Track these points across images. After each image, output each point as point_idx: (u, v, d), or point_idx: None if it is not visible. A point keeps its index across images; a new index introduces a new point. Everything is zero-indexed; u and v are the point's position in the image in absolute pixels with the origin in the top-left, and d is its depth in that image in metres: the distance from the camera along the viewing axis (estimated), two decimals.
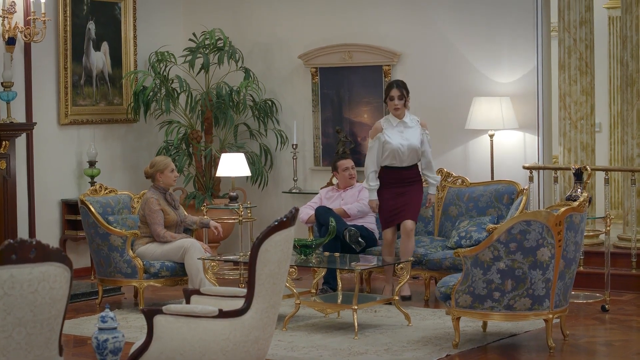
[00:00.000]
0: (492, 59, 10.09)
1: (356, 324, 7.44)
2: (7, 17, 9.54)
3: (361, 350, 7.00)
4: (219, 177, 10.81)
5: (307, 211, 9.32)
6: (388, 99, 8.66)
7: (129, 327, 7.78)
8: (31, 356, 4.28)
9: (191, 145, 10.84)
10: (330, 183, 10.26)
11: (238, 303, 5.49)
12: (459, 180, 9.39)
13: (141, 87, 10.68)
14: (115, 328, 5.48)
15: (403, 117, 8.64)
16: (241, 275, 9.77)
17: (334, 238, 8.53)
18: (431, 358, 6.79)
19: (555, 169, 9.62)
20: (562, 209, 6.76)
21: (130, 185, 10.73)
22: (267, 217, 10.78)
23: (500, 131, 9.93)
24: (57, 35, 10.22)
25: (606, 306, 8.33)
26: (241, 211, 9.90)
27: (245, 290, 5.50)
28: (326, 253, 8.42)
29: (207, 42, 10.87)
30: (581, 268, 8.88)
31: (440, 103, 10.28)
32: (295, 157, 10.89)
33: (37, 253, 4.18)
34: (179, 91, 10.83)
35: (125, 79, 10.83)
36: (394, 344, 7.16)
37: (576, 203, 6.88)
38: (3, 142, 9.41)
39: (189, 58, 10.83)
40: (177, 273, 8.63)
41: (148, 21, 11.14)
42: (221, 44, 10.91)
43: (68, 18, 10.27)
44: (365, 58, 10.62)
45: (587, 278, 9.06)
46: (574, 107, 9.69)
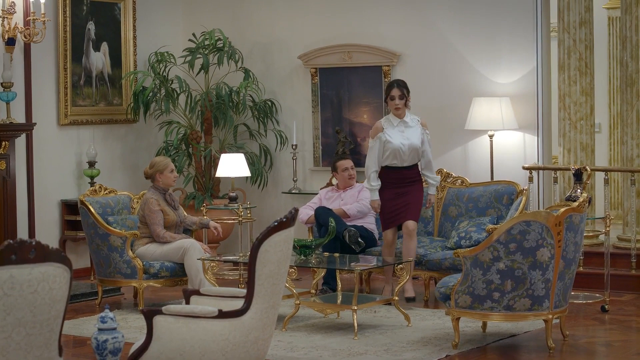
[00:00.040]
0: (492, 60, 10.10)
1: (356, 325, 7.44)
2: (7, 18, 9.55)
3: (361, 350, 7.00)
4: (219, 178, 10.81)
5: (307, 211, 9.32)
6: (389, 99, 8.65)
7: (129, 328, 7.78)
8: (31, 357, 4.28)
9: (191, 145, 10.84)
10: (329, 183, 10.27)
11: (238, 303, 5.49)
12: (459, 180, 9.39)
13: (141, 88, 10.68)
14: (114, 328, 5.49)
15: (404, 117, 8.64)
16: (241, 275, 9.77)
17: (334, 238, 8.53)
18: (431, 358, 6.79)
19: (554, 170, 9.62)
20: (562, 210, 6.76)
21: (129, 185, 10.73)
22: (267, 218, 10.78)
23: (499, 131, 9.93)
24: (57, 35, 10.22)
25: (606, 306, 8.33)
26: (241, 212, 9.90)
27: (244, 290, 5.50)
28: (326, 253, 8.41)
29: (207, 43, 10.87)
30: (581, 268, 8.88)
31: (439, 103, 10.28)
32: (294, 158, 10.89)
33: (37, 253, 4.18)
34: (179, 91, 10.83)
35: (124, 80, 10.83)
36: (394, 345, 7.16)
37: (576, 203, 6.88)
38: (3, 143, 9.41)
39: (189, 58, 10.83)
40: (177, 273, 8.63)
41: (148, 21, 11.14)
42: (221, 45, 10.91)
43: (68, 18, 10.27)
44: (364, 58, 10.62)
45: (587, 278, 9.06)
46: (574, 108, 9.69)
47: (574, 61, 9.67)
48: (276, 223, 5.37)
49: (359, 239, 8.84)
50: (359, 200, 9.30)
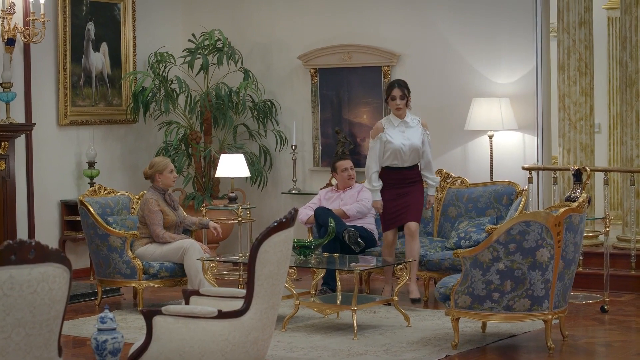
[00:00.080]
0: (492, 60, 10.09)
1: (355, 325, 7.44)
2: (7, 18, 9.54)
3: (360, 351, 7.00)
4: (218, 178, 10.81)
5: (307, 212, 9.31)
6: (390, 99, 8.62)
7: (128, 328, 7.78)
8: (30, 357, 4.28)
9: (190, 146, 10.84)
10: (329, 184, 10.27)
11: (237, 304, 5.49)
12: (458, 181, 9.39)
13: (140, 88, 10.68)
14: (114, 329, 5.49)
15: (404, 117, 8.61)
16: (240, 276, 9.76)
17: (333, 239, 8.52)
18: (430, 359, 6.79)
19: (554, 170, 9.62)
20: (562, 210, 6.76)
21: (129, 186, 10.72)
22: (267, 218, 10.78)
23: (499, 132, 9.93)
24: (57, 36, 10.22)
25: (605, 307, 8.33)
26: (240, 212, 9.90)
27: (244, 291, 5.50)
28: (325, 254, 8.41)
29: (207, 43, 10.87)
30: (580, 269, 8.88)
31: (439, 104, 10.28)
32: (294, 158, 10.89)
33: (37, 254, 4.18)
34: (178, 92, 10.83)
35: (124, 80, 10.83)
36: (393, 345, 7.16)
37: (575, 204, 6.88)
38: (2, 143, 9.41)
39: (188, 59, 10.83)
40: (177, 274, 8.63)
41: (147, 22, 11.14)
42: (220, 45, 10.91)
43: (67, 19, 10.27)
44: (364, 59, 10.62)
45: (587, 279, 9.06)
46: (573, 108, 9.69)
47: (574, 61, 9.67)
48: (276, 223, 5.37)
49: (359, 240, 8.84)
50: (359, 200, 9.30)
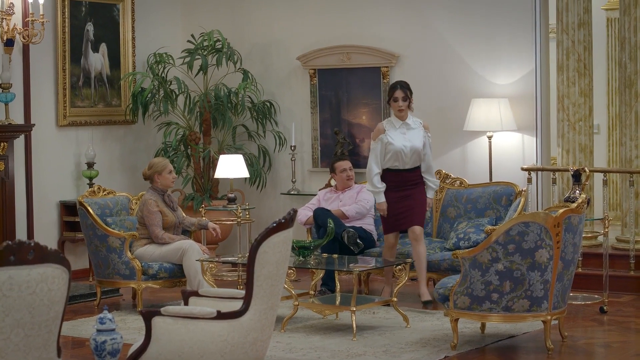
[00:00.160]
0: (491, 61, 10.10)
1: (354, 326, 7.44)
2: (6, 19, 9.54)
3: (359, 351, 7.00)
4: (217, 179, 10.81)
5: (306, 213, 9.31)
6: (392, 100, 8.56)
7: (127, 329, 7.78)
8: (29, 358, 4.28)
9: (189, 146, 10.84)
10: (328, 184, 10.27)
11: (236, 304, 5.49)
12: (458, 181, 9.39)
13: (139, 89, 10.68)
14: (113, 330, 5.49)
15: (406, 119, 8.56)
16: (239, 276, 9.76)
17: (332, 239, 8.52)
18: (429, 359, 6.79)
19: (553, 171, 9.62)
20: (561, 211, 6.76)
21: (128, 186, 10.72)
22: (266, 219, 10.78)
23: (498, 133, 9.93)
24: (56, 36, 10.22)
25: (604, 308, 8.33)
26: (239, 213, 9.90)
27: (243, 291, 5.50)
28: (324, 254, 8.40)
29: (206, 44, 10.87)
30: (579, 269, 8.88)
31: (438, 104, 10.28)
32: (293, 159, 10.89)
33: (36, 254, 4.17)
34: (178, 92, 10.83)
35: (123, 81, 10.83)
36: (393, 346, 7.16)
37: (574, 204, 6.88)
38: (1, 144, 9.41)
39: (188, 59, 10.83)
40: (176, 274, 8.62)
41: (146, 22, 11.14)
42: (219, 46, 10.91)
43: (66, 19, 10.27)
44: (363, 59, 10.62)
45: (586, 279, 9.06)
46: (572, 109, 9.70)
47: (573, 62, 9.67)
48: (275, 224, 5.37)
49: (358, 240, 8.84)
50: (358, 201, 9.30)
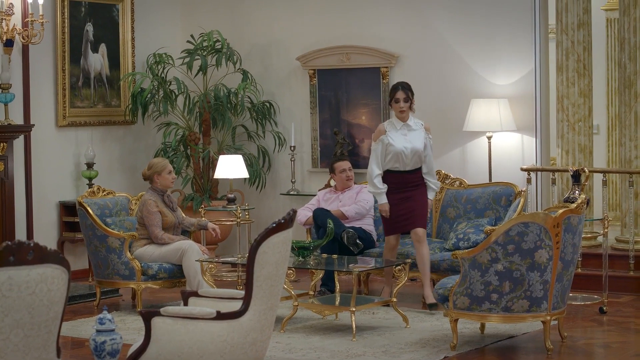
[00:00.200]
0: (490, 61, 10.10)
1: (354, 326, 7.44)
2: (5, 19, 9.54)
3: (359, 352, 7.00)
4: (217, 179, 10.81)
5: (305, 213, 9.31)
6: (393, 102, 8.50)
7: (127, 329, 7.78)
8: (29, 358, 4.28)
9: (189, 147, 10.84)
10: (328, 185, 10.27)
11: (236, 305, 5.49)
12: (457, 182, 9.39)
13: (139, 89, 10.68)
14: (113, 330, 5.49)
15: (407, 120, 8.52)
16: (239, 277, 9.76)
17: (332, 240, 8.52)
18: None
19: (553, 171, 9.62)
20: (560, 211, 6.76)
21: (128, 187, 10.72)
22: (265, 219, 10.78)
23: (498, 133, 9.93)
24: (55, 37, 10.22)
25: (604, 308, 8.33)
26: (239, 213, 9.90)
27: (243, 292, 5.50)
28: (324, 255, 8.40)
29: (205, 44, 10.87)
30: (579, 270, 8.89)
31: (438, 105, 10.28)
32: (293, 159, 10.89)
33: (35, 255, 4.17)
34: (177, 93, 10.83)
35: (123, 81, 10.83)
36: (392, 346, 7.16)
37: (574, 205, 6.89)
38: (1, 144, 9.41)
39: (187, 60, 10.83)
40: (175, 275, 8.62)
41: (146, 23, 11.14)
42: (219, 46, 10.91)
43: (66, 20, 10.27)
44: (363, 60, 10.62)
45: (585, 280, 9.06)
46: (572, 109, 9.70)
47: (572, 63, 9.67)
48: (274, 224, 5.37)
49: (357, 241, 8.84)
50: (357, 201, 9.29)
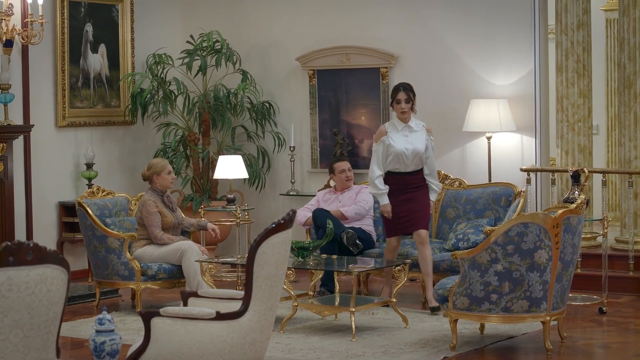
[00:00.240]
0: (490, 61, 10.09)
1: (354, 326, 7.44)
2: (5, 20, 9.54)
3: (358, 352, 7.00)
4: (217, 180, 10.81)
5: (305, 213, 9.31)
6: (395, 102, 8.47)
7: (127, 330, 7.78)
8: (28, 358, 4.28)
9: (188, 147, 10.84)
10: (327, 185, 10.27)
11: (235, 305, 5.49)
12: (457, 182, 9.38)
13: (139, 89, 10.68)
14: (112, 330, 5.49)
15: (409, 121, 8.49)
16: (239, 277, 9.76)
17: (332, 240, 8.52)
18: None
19: (552, 171, 9.62)
20: (560, 211, 6.76)
21: (127, 187, 10.72)
22: (265, 220, 10.78)
23: (497, 133, 9.93)
24: (55, 37, 10.22)
25: (603, 308, 8.33)
26: (239, 213, 9.90)
27: (242, 292, 5.50)
28: (323, 255, 8.40)
29: (205, 45, 10.87)
30: (578, 270, 8.89)
31: (437, 105, 10.27)
32: (292, 160, 10.89)
33: (35, 255, 4.17)
34: (177, 93, 10.83)
35: (122, 81, 10.83)
36: (392, 346, 7.16)
37: (574, 205, 6.89)
38: (0, 145, 9.41)
39: (187, 60, 10.83)
40: (175, 275, 8.62)
41: (145, 23, 11.13)
42: (219, 46, 10.91)
43: (65, 20, 10.27)
44: (362, 60, 10.62)
45: (585, 280, 9.06)
46: (572, 110, 9.70)
47: (572, 63, 9.68)
48: (274, 225, 5.37)
49: (357, 241, 8.84)
50: (357, 202, 9.29)
